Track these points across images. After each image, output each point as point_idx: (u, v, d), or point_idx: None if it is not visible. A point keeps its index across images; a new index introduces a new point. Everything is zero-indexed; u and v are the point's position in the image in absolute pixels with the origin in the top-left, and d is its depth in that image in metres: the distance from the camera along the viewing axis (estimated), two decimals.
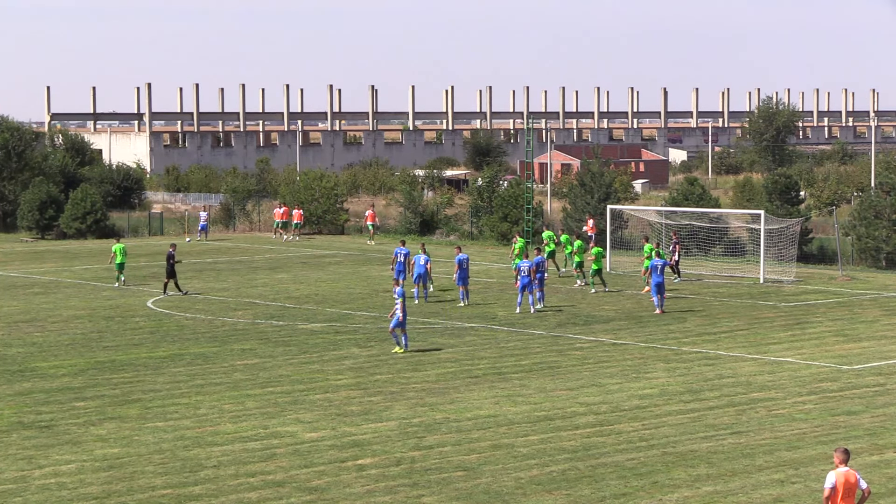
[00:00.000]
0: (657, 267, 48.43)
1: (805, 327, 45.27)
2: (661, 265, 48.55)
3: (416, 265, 51.23)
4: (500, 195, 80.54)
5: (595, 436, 29.04)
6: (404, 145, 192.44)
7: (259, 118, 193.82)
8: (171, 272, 53.55)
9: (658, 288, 48.26)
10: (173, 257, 53.65)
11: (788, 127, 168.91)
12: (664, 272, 48.92)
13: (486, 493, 24.57)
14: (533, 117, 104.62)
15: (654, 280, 48.39)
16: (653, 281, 48.49)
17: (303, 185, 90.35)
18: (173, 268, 53.56)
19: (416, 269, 51.27)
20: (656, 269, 48.39)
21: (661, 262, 48.76)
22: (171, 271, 53.53)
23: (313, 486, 25.01)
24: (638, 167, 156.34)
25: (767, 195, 74.11)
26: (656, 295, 48.37)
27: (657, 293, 48.33)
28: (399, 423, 30.38)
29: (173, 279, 53.75)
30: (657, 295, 48.34)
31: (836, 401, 32.88)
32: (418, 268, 51.07)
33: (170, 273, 53.56)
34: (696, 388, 34.42)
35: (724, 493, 24.54)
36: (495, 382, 35.23)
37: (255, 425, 30.16)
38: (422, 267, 51.04)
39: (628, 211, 71.88)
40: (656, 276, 48.25)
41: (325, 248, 76.95)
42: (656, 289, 48.30)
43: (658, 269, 48.35)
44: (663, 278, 48.60)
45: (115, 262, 57.07)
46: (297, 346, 41.15)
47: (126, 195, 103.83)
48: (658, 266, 48.45)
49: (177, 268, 54.31)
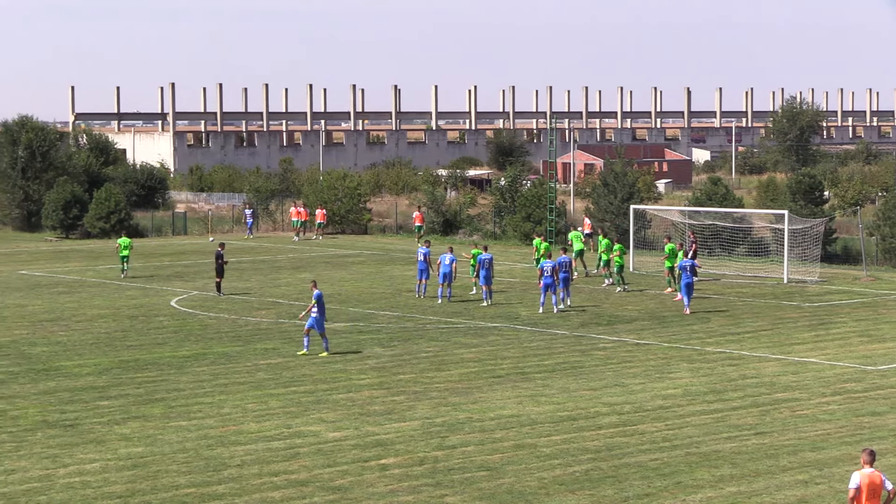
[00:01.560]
0: (686, 267, 48.25)
1: (829, 328, 45.13)
2: (689, 265, 48.33)
3: (442, 265, 51.27)
4: (522, 195, 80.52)
5: (618, 436, 29.00)
6: (427, 145, 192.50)
7: (282, 118, 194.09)
8: (220, 271, 53.93)
9: (687, 288, 48.07)
10: (222, 257, 54.01)
11: (812, 126, 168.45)
12: (693, 272, 48.76)
13: (509, 492, 24.55)
14: (556, 117, 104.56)
15: (683, 280, 48.20)
16: (682, 281, 48.32)
17: (326, 184, 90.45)
18: (221, 267, 53.93)
19: (441, 268, 51.30)
20: (685, 270, 48.21)
21: (689, 263, 48.55)
22: (220, 270, 53.92)
23: (336, 486, 25.03)
24: (661, 167, 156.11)
25: (791, 195, 73.92)
26: (686, 295, 48.20)
27: (686, 293, 48.16)
28: (422, 422, 30.39)
29: (220, 278, 54.10)
30: (686, 295, 48.20)
31: (861, 401, 32.76)
32: (444, 267, 51.10)
33: (219, 272, 53.96)
34: (720, 389, 34.34)
35: (748, 493, 24.48)
36: (518, 382, 35.21)
37: (278, 425, 30.20)
38: (447, 267, 51.05)
39: (651, 211, 71.78)
40: (686, 276, 48.06)
41: (347, 247, 77.00)
42: (686, 289, 48.12)
43: (687, 270, 48.20)
44: (692, 279, 48.41)
45: (119, 254, 60.43)
46: (321, 346, 41.16)
47: (150, 195, 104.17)
48: (687, 266, 48.27)
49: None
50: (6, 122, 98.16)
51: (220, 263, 53.84)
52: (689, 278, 48.09)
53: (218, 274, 53.99)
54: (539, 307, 48.45)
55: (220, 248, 54.59)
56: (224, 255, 54.46)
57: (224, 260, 54.31)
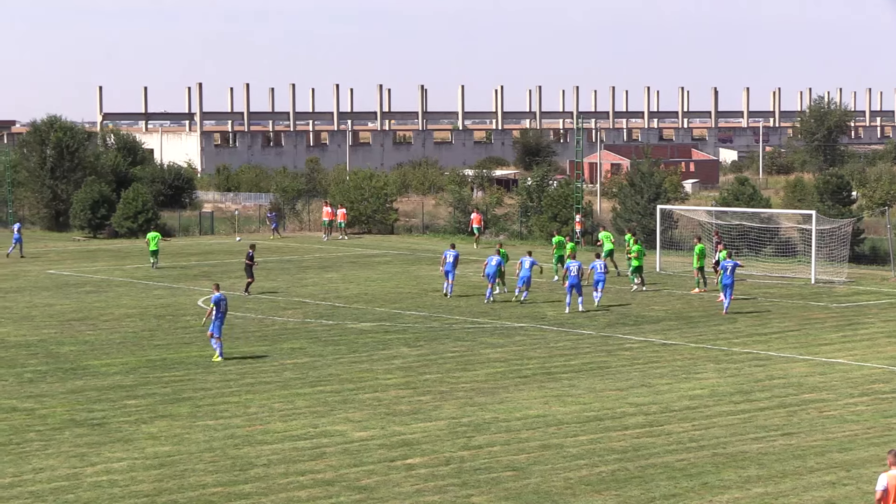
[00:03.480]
0: (727, 268, 48.19)
1: (857, 328, 44.95)
2: (731, 266, 48.20)
3: (488, 265, 51.72)
4: (549, 195, 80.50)
5: (645, 436, 28.95)
6: (454, 145, 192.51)
7: (309, 118, 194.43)
8: (248, 271, 54.46)
9: (728, 289, 48.03)
10: (252, 257, 54.46)
11: (840, 126, 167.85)
12: (734, 273, 48.64)
13: (535, 493, 24.54)
14: (583, 117, 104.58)
15: (724, 281, 48.13)
16: (723, 282, 48.23)
17: (352, 184, 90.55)
18: (249, 268, 54.36)
19: (486, 268, 51.72)
20: (726, 270, 48.18)
21: (731, 263, 48.36)
22: (248, 270, 54.44)
23: (363, 486, 25.06)
24: (688, 167, 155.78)
25: (819, 195, 73.80)
26: (728, 297, 48.16)
27: (726, 293, 48.12)
28: (448, 422, 30.39)
29: (250, 279, 54.55)
30: (728, 298, 48.14)
31: (889, 402, 32.62)
32: (489, 268, 51.56)
33: (248, 272, 54.51)
34: (747, 389, 34.25)
35: (775, 494, 24.41)
36: (544, 382, 35.19)
37: (304, 424, 30.25)
38: (493, 267, 51.48)
39: (678, 211, 71.65)
40: (726, 276, 48.01)
41: (374, 247, 77.07)
42: (726, 289, 48.07)
43: (728, 270, 48.09)
44: (733, 279, 48.33)
45: (150, 248, 64.75)
46: (347, 346, 41.24)
47: (177, 194, 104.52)
48: (728, 267, 48.17)
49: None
50: (35, 122, 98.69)
51: (249, 264, 54.20)
52: (730, 279, 48.01)
53: (248, 274, 54.43)
54: (565, 307, 48.41)
55: (250, 250, 54.95)
56: (254, 256, 54.87)
57: (254, 262, 54.64)
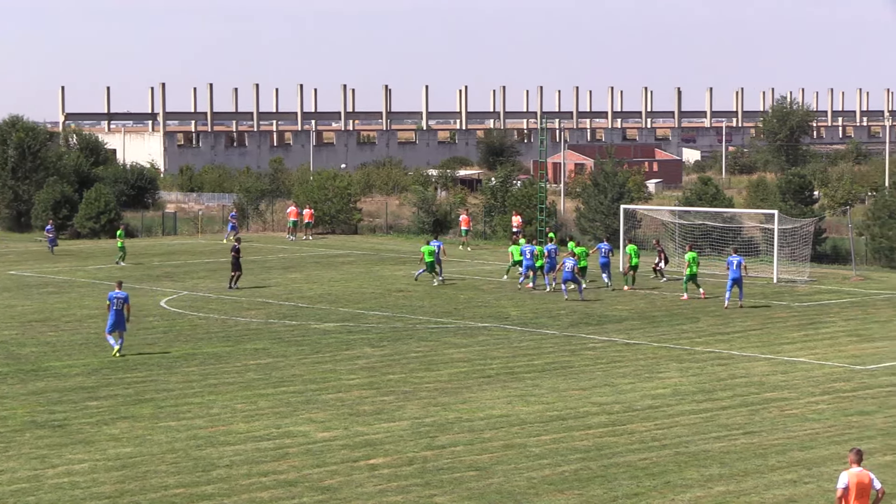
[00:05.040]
0: (732, 262, 49.64)
1: (818, 327, 45.19)
2: (737, 261, 49.70)
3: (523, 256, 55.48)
4: (513, 195, 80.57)
5: (607, 436, 29.02)
6: (418, 145, 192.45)
7: (273, 118, 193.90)
8: (235, 264, 56.19)
9: (734, 283, 49.43)
10: (238, 250, 56.50)
11: (802, 126, 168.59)
12: (740, 268, 49.88)
13: (498, 492, 24.56)
14: (546, 117, 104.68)
15: (731, 276, 49.51)
16: (730, 276, 49.58)
17: (316, 184, 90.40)
18: (237, 260, 56.16)
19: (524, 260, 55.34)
20: (731, 265, 49.58)
21: (737, 259, 49.86)
22: (236, 264, 56.19)
23: (325, 486, 25.02)
24: (651, 167, 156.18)
25: (781, 195, 74.07)
26: (729, 290, 49.64)
27: (731, 288, 49.57)
28: (411, 422, 30.39)
29: (238, 272, 56.32)
30: (730, 290, 49.64)
31: (850, 401, 32.81)
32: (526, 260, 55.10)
33: (235, 265, 56.24)
34: (709, 388, 34.38)
35: (737, 493, 24.50)
36: (508, 382, 35.22)
37: (267, 425, 30.18)
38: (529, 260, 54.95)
39: (641, 211, 71.81)
40: (733, 271, 49.40)
41: (338, 247, 76.98)
42: (732, 284, 49.49)
43: (734, 265, 49.51)
44: (739, 273, 49.56)
45: (118, 245, 67.47)
46: (310, 346, 41.19)
47: (140, 195, 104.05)
48: (734, 262, 49.61)
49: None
50: None
51: (236, 257, 56.15)
52: (737, 273, 49.34)
53: (234, 268, 56.23)
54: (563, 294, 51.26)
55: (236, 244, 57.55)
56: (241, 250, 57.17)
57: (240, 255, 56.75)
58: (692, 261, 52.50)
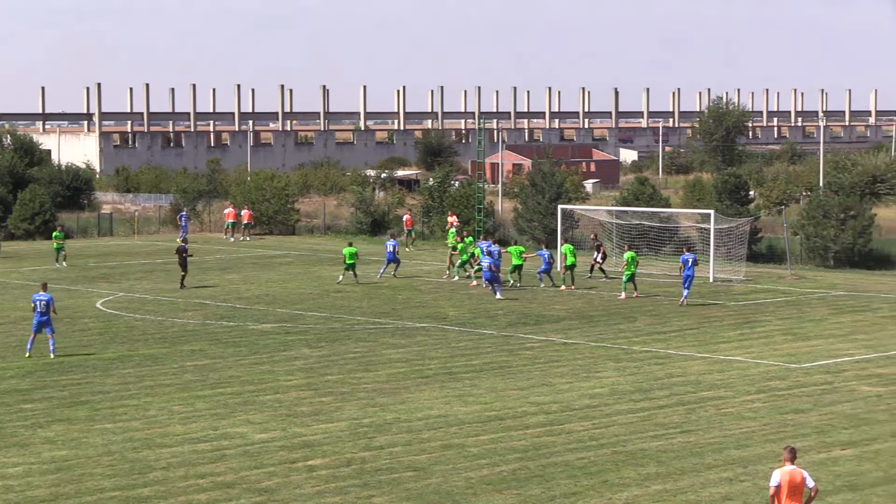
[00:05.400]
0: (687, 261, 50.50)
1: (754, 326, 45.52)
2: (692, 259, 50.62)
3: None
4: (451, 195, 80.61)
5: (545, 435, 29.09)
6: (356, 145, 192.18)
7: (210, 118, 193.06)
8: (184, 265, 56.43)
9: (688, 280, 50.32)
10: (186, 251, 56.70)
11: (738, 127, 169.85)
12: (694, 266, 50.88)
13: (436, 493, 24.56)
14: (484, 117, 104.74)
15: (685, 273, 50.39)
16: (684, 274, 50.46)
17: (254, 185, 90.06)
18: (185, 261, 56.44)
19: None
20: (686, 263, 50.44)
21: (691, 257, 50.85)
22: (184, 264, 56.44)
23: (263, 487, 24.93)
24: (589, 167, 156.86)
25: (717, 195, 74.55)
26: (687, 288, 50.47)
27: (688, 286, 50.48)
28: (349, 423, 30.34)
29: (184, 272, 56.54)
30: (687, 288, 50.51)
31: (785, 399, 33.07)
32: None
33: (183, 265, 56.46)
34: (646, 388, 34.55)
35: (674, 491, 24.64)
36: (446, 382, 35.24)
37: (204, 426, 30.03)
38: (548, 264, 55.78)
39: (579, 211, 72.02)
40: (687, 269, 50.31)
41: (275, 248, 76.73)
42: (688, 281, 50.35)
43: (689, 263, 50.33)
44: (693, 271, 50.50)
45: (54, 246, 66.75)
46: (248, 347, 41.03)
47: (75, 196, 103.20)
48: (689, 260, 50.47)
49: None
50: None
51: (184, 258, 56.27)
52: (691, 270, 50.30)
53: (182, 268, 56.35)
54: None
55: (183, 244, 57.90)
56: (188, 250, 57.42)
57: (188, 253, 57.09)
58: (631, 260, 52.76)
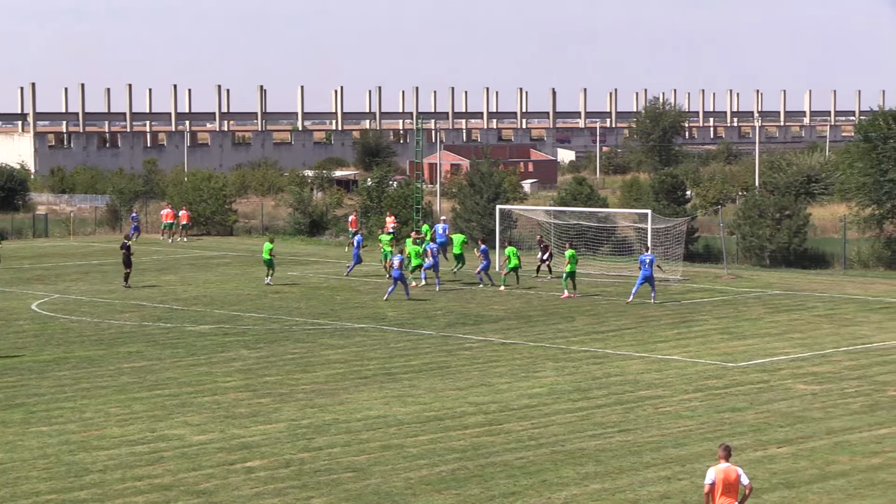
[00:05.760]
0: (645, 261, 50.82)
1: (691, 325, 45.79)
2: (649, 259, 50.93)
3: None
4: (389, 195, 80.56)
5: (484, 435, 29.12)
6: (293, 146, 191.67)
7: (146, 119, 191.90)
8: (127, 262, 56.73)
9: (648, 281, 50.67)
10: (129, 248, 57.04)
11: (675, 127, 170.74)
12: (652, 266, 51.16)
13: (375, 493, 24.53)
14: (422, 117, 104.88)
15: (642, 273, 50.65)
16: (641, 274, 50.75)
17: (191, 185, 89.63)
18: (129, 258, 56.75)
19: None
20: (644, 263, 50.73)
21: (650, 257, 51.13)
22: (128, 261, 56.74)
23: (201, 490, 24.80)
24: (527, 167, 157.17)
25: (654, 195, 74.95)
26: (648, 285, 50.86)
27: (646, 284, 50.77)
28: (288, 424, 30.25)
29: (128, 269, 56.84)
30: (651, 285, 50.91)
31: (722, 398, 33.28)
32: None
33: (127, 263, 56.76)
34: (585, 387, 34.66)
35: (612, 490, 24.73)
36: (385, 383, 35.21)
37: (142, 429, 29.84)
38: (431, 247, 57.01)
39: (517, 211, 72.18)
40: (645, 269, 50.56)
41: (213, 249, 76.39)
42: (648, 281, 50.76)
43: (646, 264, 50.64)
44: (651, 271, 50.83)
45: None
46: (185, 349, 40.82)
47: (9, 197, 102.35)
48: (646, 261, 50.76)
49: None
50: None
51: (128, 255, 56.60)
52: (649, 271, 50.62)
53: (126, 265, 56.63)
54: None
55: (126, 241, 58.19)
56: (131, 247, 57.79)
57: (131, 252, 57.47)
58: (571, 258, 53.01)
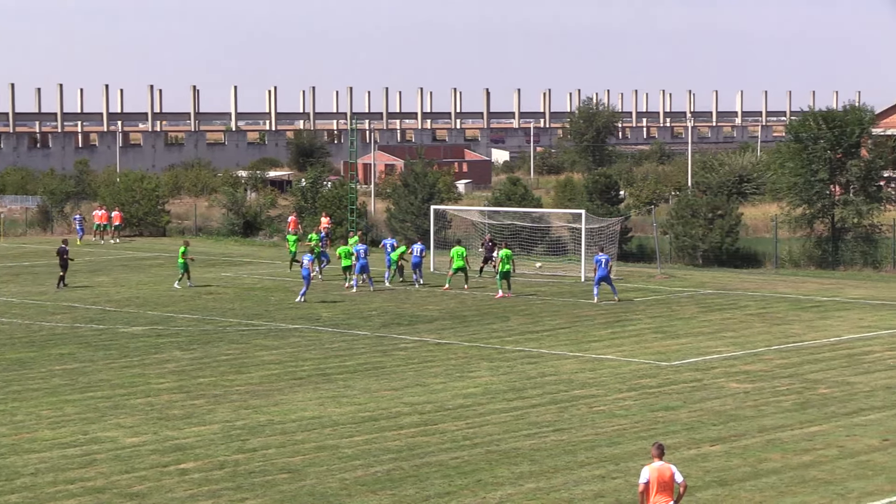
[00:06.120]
0: (601, 261, 51.01)
1: (625, 325, 46.00)
2: (605, 259, 51.16)
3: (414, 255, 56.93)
4: (323, 196, 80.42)
5: (419, 435, 29.12)
6: (227, 146, 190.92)
7: (77, 119, 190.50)
8: (64, 266, 56.87)
9: (603, 280, 50.89)
10: (66, 252, 57.00)
11: (608, 127, 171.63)
12: (608, 266, 51.44)
13: (310, 494, 24.47)
14: (356, 118, 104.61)
15: (598, 273, 50.89)
16: (597, 274, 50.96)
17: (123, 186, 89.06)
18: (66, 262, 56.81)
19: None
20: (600, 264, 50.93)
21: (605, 257, 51.35)
22: (65, 265, 56.86)
23: (134, 492, 24.63)
24: (461, 167, 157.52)
25: (588, 195, 75.31)
26: (608, 285, 51.17)
27: (604, 283, 51.06)
28: (222, 426, 30.11)
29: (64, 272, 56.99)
30: (611, 285, 51.25)
31: (655, 397, 33.47)
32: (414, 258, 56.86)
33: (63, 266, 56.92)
34: (519, 387, 34.74)
35: (547, 489, 24.80)
36: (320, 384, 35.13)
37: (74, 431, 29.59)
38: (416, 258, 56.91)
39: (451, 211, 72.24)
40: (601, 269, 50.78)
41: (146, 250, 75.93)
42: (607, 281, 51.04)
43: (602, 264, 50.83)
44: (607, 271, 51.09)
45: None
46: (118, 350, 40.54)
47: None
48: (602, 261, 50.96)
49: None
50: None
51: (65, 259, 56.56)
52: (605, 271, 50.86)
53: (62, 268, 56.72)
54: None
55: (63, 245, 57.78)
56: (69, 251, 57.67)
57: (69, 256, 57.31)
58: (506, 258, 53.15)
